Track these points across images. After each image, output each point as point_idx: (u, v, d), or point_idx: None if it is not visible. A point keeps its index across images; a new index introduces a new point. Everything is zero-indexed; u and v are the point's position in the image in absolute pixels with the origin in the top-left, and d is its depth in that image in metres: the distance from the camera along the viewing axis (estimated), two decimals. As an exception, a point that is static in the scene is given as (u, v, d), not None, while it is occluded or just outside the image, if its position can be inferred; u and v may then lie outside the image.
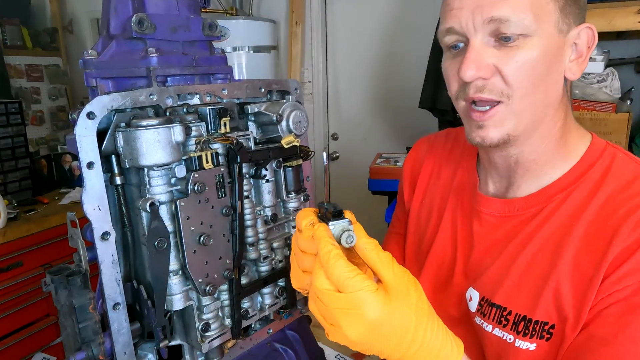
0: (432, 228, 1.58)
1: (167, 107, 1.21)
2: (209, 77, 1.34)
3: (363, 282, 0.93)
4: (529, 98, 1.20)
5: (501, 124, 1.23)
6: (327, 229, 1.00)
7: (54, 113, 5.84)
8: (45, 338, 4.13)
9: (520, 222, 1.33)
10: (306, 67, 5.46)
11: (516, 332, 1.25)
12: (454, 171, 1.59)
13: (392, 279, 0.96)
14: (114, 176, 1.18)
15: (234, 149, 1.24)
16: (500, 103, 1.21)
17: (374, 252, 0.98)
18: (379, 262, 0.97)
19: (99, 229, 1.10)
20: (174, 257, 1.20)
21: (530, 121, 1.24)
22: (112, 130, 1.13)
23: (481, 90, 1.21)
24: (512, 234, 1.33)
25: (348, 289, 0.92)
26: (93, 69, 1.19)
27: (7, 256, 3.88)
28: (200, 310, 1.28)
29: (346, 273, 0.93)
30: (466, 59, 1.19)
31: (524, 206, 1.33)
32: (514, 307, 1.27)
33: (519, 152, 1.31)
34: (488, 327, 1.31)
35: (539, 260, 1.25)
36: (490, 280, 1.34)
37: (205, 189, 1.21)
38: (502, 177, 1.41)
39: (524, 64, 1.17)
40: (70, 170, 5.00)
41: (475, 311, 1.36)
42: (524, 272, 1.27)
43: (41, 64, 5.71)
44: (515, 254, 1.30)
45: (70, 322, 1.15)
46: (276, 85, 1.45)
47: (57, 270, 1.16)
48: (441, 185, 1.60)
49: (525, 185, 1.35)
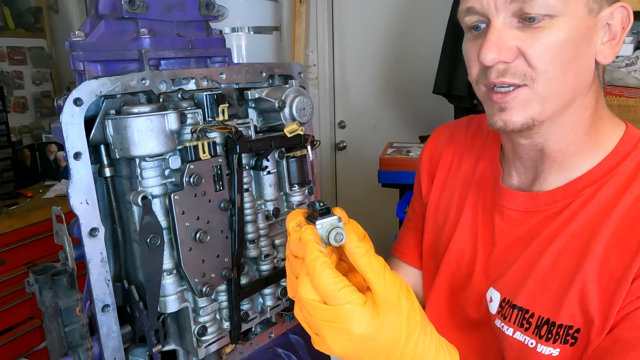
0: (450, 223, 1.57)
1: (160, 92, 1.21)
2: (205, 61, 1.34)
3: (350, 295, 0.91)
4: (556, 82, 1.19)
5: (525, 107, 1.22)
6: (314, 232, 0.99)
7: (38, 99, 5.84)
8: (29, 343, 4.13)
9: (546, 217, 1.32)
10: (311, 49, 5.46)
11: (538, 336, 1.24)
12: (475, 162, 1.58)
13: (382, 288, 0.94)
14: (102, 167, 1.18)
15: (233, 138, 1.24)
16: (525, 86, 1.20)
17: (364, 257, 0.96)
18: (369, 270, 0.95)
19: (86, 225, 1.10)
20: (168, 255, 1.21)
21: (557, 107, 1.23)
22: (101, 117, 1.14)
23: (503, 75, 1.20)
24: (537, 231, 1.33)
25: (334, 302, 0.92)
26: (80, 52, 1.19)
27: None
28: (197, 312, 1.28)
29: (332, 285, 0.92)
30: (487, 41, 1.18)
31: (550, 200, 1.32)
32: (537, 310, 1.26)
33: (544, 140, 1.30)
34: (509, 330, 1.30)
35: (564, 259, 1.25)
36: (512, 280, 1.33)
37: (202, 182, 1.21)
38: (527, 169, 1.40)
39: (550, 46, 1.16)
40: (55, 161, 5.01)
41: (495, 313, 1.35)
42: (547, 272, 1.27)
43: (24, 46, 5.71)
44: (539, 252, 1.30)
45: (55, 326, 1.15)
46: (278, 69, 1.45)
47: (42, 270, 1.16)
48: (461, 178, 1.60)
49: (552, 178, 1.34)
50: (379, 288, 0.94)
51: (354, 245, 0.97)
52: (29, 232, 4.07)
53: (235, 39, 4.50)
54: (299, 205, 1.44)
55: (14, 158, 4.64)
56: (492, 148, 1.55)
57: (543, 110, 1.22)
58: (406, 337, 0.93)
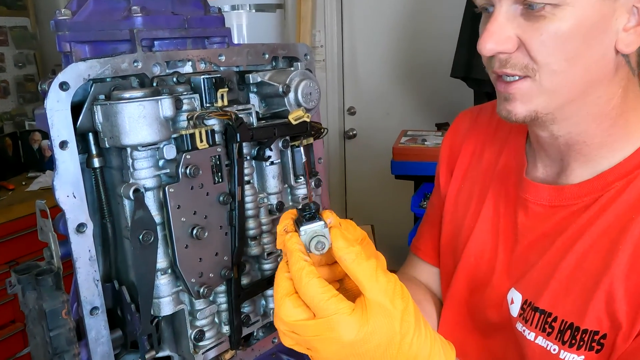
0: (470, 218, 1.58)
1: (153, 76, 1.21)
2: (203, 41, 1.34)
3: (337, 304, 0.95)
4: (560, 75, 1.20)
5: (528, 99, 1.24)
6: (298, 240, 1.02)
7: (20, 83, 5.86)
8: (11, 348, 4.15)
9: (572, 213, 1.32)
10: (318, 28, 5.46)
11: (562, 341, 1.24)
12: (498, 152, 1.58)
13: (373, 293, 0.97)
14: (91, 158, 1.18)
15: (233, 125, 1.24)
16: (527, 77, 1.22)
17: (353, 263, 0.99)
18: (359, 275, 0.98)
19: (73, 220, 1.10)
20: (162, 253, 1.21)
21: (567, 100, 1.24)
22: (89, 103, 1.13)
23: (504, 65, 1.23)
24: (562, 227, 1.32)
25: (322, 312, 0.95)
26: (67, 32, 1.20)
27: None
28: (193, 315, 1.29)
29: (319, 295, 0.96)
30: (486, 30, 1.21)
31: (576, 194, 1.32)
32: (560, 313, 1.26)
33: (565, 133, 1.30)
34: (530, 335, 1.31)
35: (590, 258, 1.25)
36: (535, 280, 1.34)
37: (199, 173, 1.21)
38: (552, 161, 1.40)
39: (550, 38, 1.17)
40: (39, 151, 5.02)
41: (517, 316, 1.36)
42: (572, 272, 1.27)
43: (5, 25, 5.73)
44: (564, 250, 1.29)
45: (39, 330, 1.15)
46: (282, 50, 1.45)
47: (25, 269, 1.17)
48: (483, 168, 1.60)
49: (579, 170, 1.34)
50: (369, 292, 0.97)
51: (342, 252, 1.00)
52: (10, 228, 4.08)
53: (235, 18, 4.50)
54: (305, 199, 1.44)
55: (-5, 147, 4.65)
56: (517, 137, 1.55)
57: (548, 103, 1.24)
58: (400, 339, 0.97)
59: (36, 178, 4.71)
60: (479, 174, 1.61)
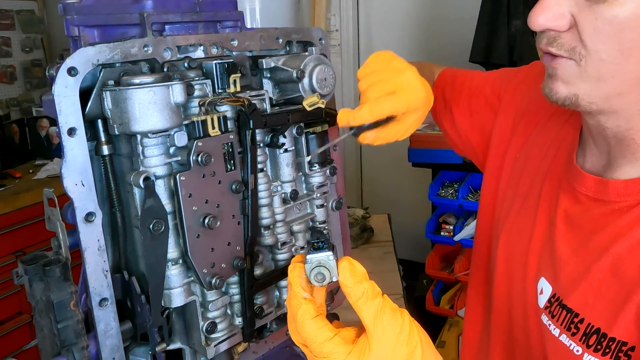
0: (521, 189, 1.54)
1: (164, 61, 1.21)
2: (215, 25, 1.33)
3: (331, 348, 0.98)
4: (610, 66, 1.12)
5: (570, 81, 1.18)
6: (301, 272, 1.03)
7: (27, 68, 5.88)
8: (17, 341, 4.17)
9: (614, 210, 1.26)
10: (333, 12, 5.45)
11: (586, 345, 1.21)
12: (561, 126, 1.52)
13: (376, 338, 0.98)
14: (100, 145, 1.18)
15: (246, 111, 1.24)
16: (571, 60, 1.16)
17: (360, 301, 0.99)
18: (364, 314, 0.99)
19: (82, 209, 1.11)
20: (173, 243, 1.21)
21: (613, 92, 1.16)
22: (98, 89, 1.14)
23: (551, 43, 1.17)
24: (601, 224, 1.28)
25: (317, 354, 0.99)
26: (75, 15, 1.20)
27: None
28: (205, 307, 1.29)
29: (312, 337, 0.99)
30: (539, 3, 1.15)
31: (621, 191, 1.26)
32: (588, 316, 1.23)
33: (614, 125, 1.24)
34: (555, 331, 1.29)
35: (626, 265, 1.19)
36: (566, 276, 1.30)
37: (211, 161, 1.21)
38: (600, 151, 1.35)
39: (605, 24, 1.08)
40: (47, 138, 5.04)
41: (543, 307, 1.34)
42: (606, 277, 1.22)
43: (12, 9, 5.74)
44: (601, 250, 1.25)
45: (47, 322, 1.16)
46: (297, 34, 1.44)
47: (32, 259, 1.17)
48: (543, 138, 1.54)
49: (627, 168, 1.27)
50: (372, 335, 0.98)
51: (348, 289, 1.01)
52: (17, 217, 4.10)
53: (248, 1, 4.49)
54: (320, 188, 1.44)
55: (1, 134, 4.67)
56: (575, 120, 1.47)
57: (592, 91, 1.17)
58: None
59: (43, 166, 4.72)
60: (537, 142, 1.55)
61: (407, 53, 5.27)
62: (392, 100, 1.29)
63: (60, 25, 1.19)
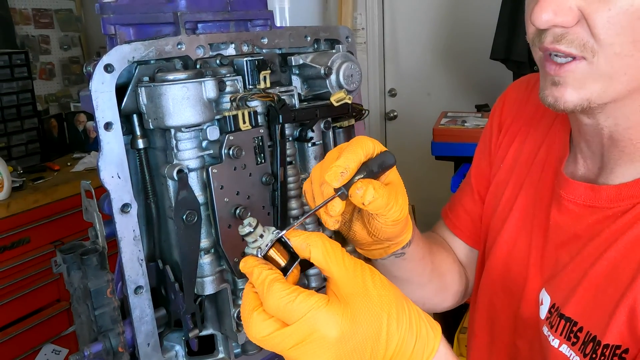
0: (504, 204, 1.51)
1: (197, 58, 1.21)
2: (246, 24, 1.34)
3: (308, 300, 0.88)
4: (623, 60, 1.07)
5: (582, 84, 1.10)
6: (250, 260, 0.97)
7: (65, 65, 5.90)
8: (56, 327, 4.20)
9: (607, 216, 1.22)
10: (359, 11, 5.44)
11: (583, 353, 1.18)
12: (541, 139, 1.47)
13: (344, 276, 0.92)
14: (135, 139, 1.19)
15: (275, 107, 1.24)
16: (582, 59, 1.08)
17: (316, 248, 0.95)
18: (324, 259, 0.94)
19: (118, 200, 1.11)
20: (206, 233, 1.22)
21: (624, 89, 1.11)
22: (134, 85, 1.14)
23: (559, 40, 1.09)
24: (595, 231, 1.24)
25: (293, 316, 0.88)
26: (111, 14, 1.20)
27: (12, 232, 3.93)
28: (236, 294, 1.29)
29: (285, 297, 0.88)
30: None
31: (614, 197, 1.22)
32: (586, 324, 1.19)
33: (612, 124, 1.19)
34: (555, 342, 1.25)
35: (620, 269, 1.16)
36: (563, 284, 1.27)
37: (242, 154, 1.21)
38: (594, 154, 1.30)
39: (620, 14, 1.02)
40: (84, 132, 5.06)
41: (544, 319, 1.30)
42: (601, 282, 1.19)
43: (51, 8, 5.77)
44: (595, 256, 1.21)
45: (84, 309, 1.17)
46: (324, 32, 1.44)
47: (70, 248, 1.18)
48: (525, 153, 1.50)
49: (620, 171, 1.23)
50: (340, 277, 0.92)
51: (300, 241, 0.97)
52: (56, 208, 4.11)
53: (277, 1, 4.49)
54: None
55: (40, 129, 4.68)
56: (562, 125, 1.43)
57: (604, 91, 1.11)
58: (387, 319, 0.91)
59: (81, 159, 4.74)
60: (521, 159, 1.51)
61: (430, 51, 5.28)
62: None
63: (97, 24, 1.20)
